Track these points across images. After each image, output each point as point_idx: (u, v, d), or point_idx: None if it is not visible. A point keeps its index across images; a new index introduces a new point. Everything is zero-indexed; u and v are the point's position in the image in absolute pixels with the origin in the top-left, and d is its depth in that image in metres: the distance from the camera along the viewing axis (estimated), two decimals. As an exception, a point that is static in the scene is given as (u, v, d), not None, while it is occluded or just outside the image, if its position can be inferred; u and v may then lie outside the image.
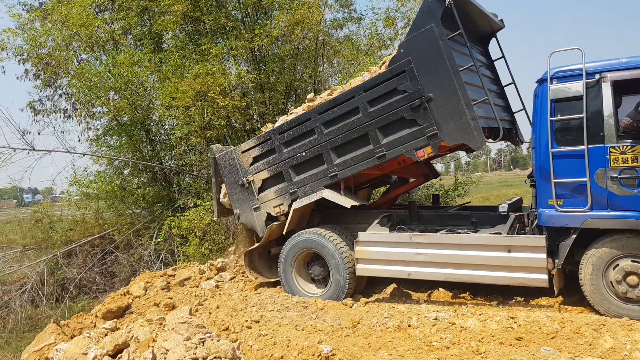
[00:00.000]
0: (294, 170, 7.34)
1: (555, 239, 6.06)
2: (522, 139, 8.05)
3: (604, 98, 5.68)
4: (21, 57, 12.70)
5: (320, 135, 7.04)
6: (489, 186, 35.03)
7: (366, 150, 6.74)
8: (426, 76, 6.26)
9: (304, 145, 7.18)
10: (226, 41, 11.79)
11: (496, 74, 8.04)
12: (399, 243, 6.73)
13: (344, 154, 6.93)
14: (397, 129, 6.53)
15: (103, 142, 13.18)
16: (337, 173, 6.96)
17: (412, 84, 6.35)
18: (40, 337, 5.54)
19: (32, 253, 11.57)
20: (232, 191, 7.84)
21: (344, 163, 6.92)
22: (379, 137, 6.63)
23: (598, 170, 5.66)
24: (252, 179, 7.64)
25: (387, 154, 6.57)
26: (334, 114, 6.93)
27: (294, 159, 7.29)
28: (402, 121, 6.48)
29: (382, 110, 6.57)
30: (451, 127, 6.16)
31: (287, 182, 7.39)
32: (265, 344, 5.22)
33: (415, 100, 6.31)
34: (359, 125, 6.73)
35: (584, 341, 4.76)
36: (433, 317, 5.71)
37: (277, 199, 7.51)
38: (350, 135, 6.82)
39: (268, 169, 7.54)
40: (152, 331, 3.77)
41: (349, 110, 6.81)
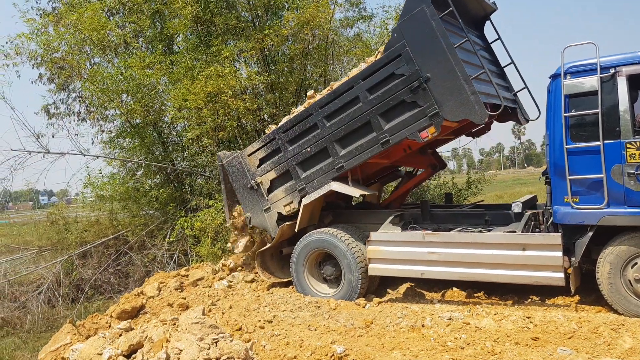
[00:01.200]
0: (301, 167, 7.35)
1: (571, 237, 5.98)
2: (527, 117, 7.98)
3: (620, 93, 5.59)
4: (35, 61, 12.83)
5: (323, 128, 7.06)
6: (503, 184, 34.73)
7: (370, 138, 6.73)
8: (422, 57, 6.29)
9: (308, 141, 7.21)
10: (236, 42, 11.82)
11: (494, 56, 8.00)
12: (411, 242, 6.69)
13: (349, 144, 6.94)
14: (399, 113, 6.54)
15: (116, 144, 13.28)
16: (343, 164, 6.95)
17: (409, 67, 6.38)
18: (57, 337, 5.61)
19: (48, 254, 11.70)
20: (242, 195, 7.87)
21: (349, 153, 6.92)
22: (381, 124, 6.63)
23: (614, 166, 5.58)
24: (260, 181, 7.66)
25: (390, 139, 6.57)
26: (335, 106, 6.96)
27: (300, 155, 7.30)
28: (403, 105, 6.50)
29: (382, 96, 6.58)
30: (452, 104, 6.17)
31: (295, 180, 7.39)
32: (278, 344, 5.22)
33: (414, 82, 6.34)
34: (360, 114, 6.76)
35: (602, 341, 4.69)
36: (447, 317, 5.67)
37: (286, 198, 7.51)
38: (352, 125, 6.83)
39: (275, 168, 7.56)
40: (165, 331, 3.78)
41: (350, 100, 6.85)
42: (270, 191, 7.67)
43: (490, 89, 6.61)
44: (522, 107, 7.91)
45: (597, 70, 5.68)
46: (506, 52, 7.77)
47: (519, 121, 7.86)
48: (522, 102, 8.02)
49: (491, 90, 6.61)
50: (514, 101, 7.68)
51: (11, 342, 8.09)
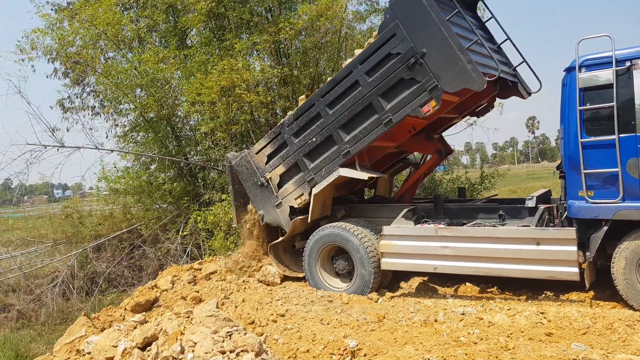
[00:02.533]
0: (308, 158, 7.42)
1: (585, 231, 5.93)
2: (528, 90, 8.00)
3: (635, 85, 5.53)
4: (50, 56, 12.93)
5: (326, 117, 7.16)
6: (517, 179, 34.41)
7: (373, 120, 6.83)
8: (416, 33, 6.44)
9: (313, 131, 7.31)
10: (250, 36, 11.82)
11: (489, 34, 8.00)
12: (424, 237, 6.68)
13: (353, 129, 7.03)
14: (399, 92, 6.65)
15: (130, 139, 13.37)
16: (349, 149, 7.03)
17: (404, 45, 6.52)
18: (72, 329, 5.69)
19: (63, 247, 11.85)
20: (253, 193, 7.93)
21: (354, 138, 7.00)
22: (382, 104, 6.73)
23: (630, 160, 5.52)
24: (269, 177, 7.73)
25: (393, 118, 6.66)
26: (336, 93, 7.08)
27: (306, 146, 7.39)
28: (402, 83, 6.61)
29: (381, 77, 6.70)
30: (450, 75, 6.27)
31: (304, 171, 7.46)
32: (291, 338, 5.24)
33: (410, 59, 6.46)
34: (361, 97, 6.87)
35: (617, 337, 4.64)
36: (460, 312, 5.65)
37: (296, 190, 7.56)
38: (355, 109, 6.93)
39: (283, 162, 7.64)
40: (180, 324, 3.82)
41: (350, 85, 6.96)
42: (281, 186, 7.72)
43: (485, 59, 6.73)
44: (523, 81, 7.93)
45: (612, 63, 5.62)
46: (501, 29, 7.85)
47: (521, 95, 7.90)
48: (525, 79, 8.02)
49: (487, 60, 6.73)
50: (514, 75, 7.73)
51: (26, 335, 8.21)
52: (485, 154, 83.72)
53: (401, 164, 9.28)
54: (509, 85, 7.53)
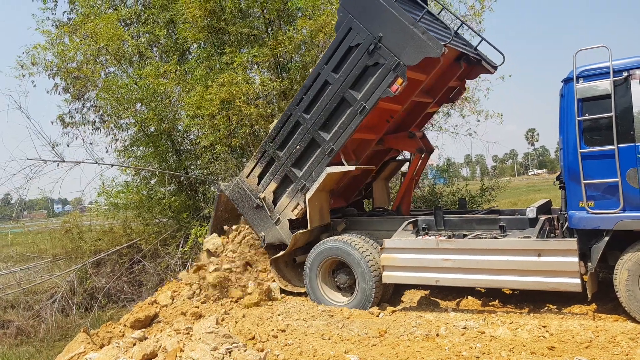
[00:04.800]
0: (297, 167, 7.62)
1: (586, 242, 5.91)
2: (493, 64, 8.34)
3: (633, 95, 5.55)
4: (51, 71, 13.01)
5: (305, 122, 7.46)
6: (517, 191, 34.41)
7: (349, 112, 7.10)
8: (370, 22, 6.87)
9: (296, 139, 7.57)
10: (249, 50, 11.88)
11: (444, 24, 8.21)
12: (425, 249, 6.65)
13: (332, 126, 7.27)
14: (366, 79, 6.97)
15: (130, 153, 13.39)
16: (332, 147, 7.25)
17: (362, 35, 6.94)
18: (71, 346, 5.64)
19: (62, 263, 11.79)
20: (251, 217, 8.01)
21: (335, 134, 7.23)
22: (354, 95, 7.04)
23: (630, 170, 5.52)
24: (263, 196, 7.86)
25: (366, 105, 6.94)
26: (309, 98, 7.43)
27: (292, 156, 7.61)
28: (368, 70, 6.95)
29: (347, 70, 7.06)
30: (409, 50, 6.58)
31: (295, 181, 7.61)
32: (292, 354, 5.19)
33: (370, 46, 6.84)
34: (333, 95, 7.20)
35: (620, 351, 4.60)
36: (462, 326, 5.60)
37: (292, 202, 7.65)
38: (330, 108, 7.24)
39: (274, 178, 7.82)
40: (179, 341, 3.78)
41: (320, 87, 7.32)
42: (276, 203, 7.85)
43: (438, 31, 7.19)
44: (486, 58, 8.30)
45: (609, 74, 5.64)
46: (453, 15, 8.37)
47: (487, 70, 8.27)
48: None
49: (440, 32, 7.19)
50: (477, 54, 8.03)
51: (25, 351, 8.15)
52: (485, 166, 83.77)
53: (392, 164, 9.35)
54: (473, 62, 7.88)
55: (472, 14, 12.19)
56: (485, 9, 12.12)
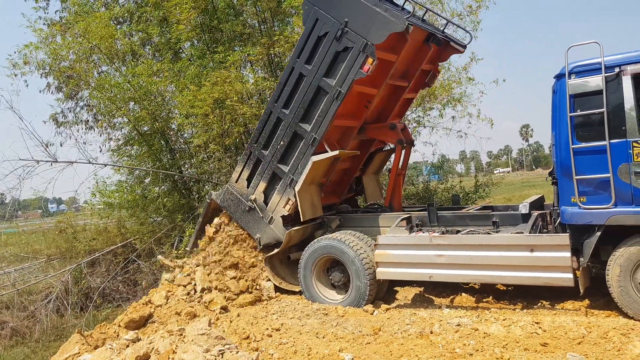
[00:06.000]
0: (283, 163, 7.74)
1: (579, 237, 5.93)
2: (461, 44, 8.61)
3: (625, 91, 5.56)
4: (43, 70, 12.92)
5: (286, 117, 7.64)
6: (511, 187, 34.49)
7: (326, 100, 7.26)
8: (334, 9, 7.14)
9: (279, 136, 7.73)
10: (243, 48, 11.84)
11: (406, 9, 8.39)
12: (419, 245, 6.67)
13: (312, 117, 7.42)
14: (339, 65, 7.16)
15: (124, 152, 13.32)
16: (314, 136, 7.39)
17: (328, 23, 7.20)
18: (65, 347, 5.63)
19: (57, 263, 11.74)
20: (245, 221, 8.06)
21: (316, 123, 7.38)
22: (329, 82, 7.22)
23: (621, 165, 5.54)
24: (254, 198, 7.92)
25: (342, 89, 7.10)
26: (286, 93, 7.63)
27: (277, 153, 7.75)
28: (339, 56, 7.15)
29: (319, 60, 7.28)
30: (374, 29, 6.80)
31: (283, 177, 7.71)
32: (286, 353, 5.19)
33: (338, 32, 7.07)
34: (309, 86, 7.39)
35: (612, 346, 4.63)
36: (455, 323, 5.61)
37: (282, 198, 7.71)
38: (307, 99, 7.41)
39: (262, 178, 7.92)
40: (172, 343, 3.78)
41: (296, 80, 7.52)
42: (267, 202, 7.91)
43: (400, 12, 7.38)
44: (454, 39, 8.62)
45: (601, 70, 5.65)
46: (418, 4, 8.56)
47: (457, 50, 8.52)
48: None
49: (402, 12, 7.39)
50: (445, 36, 8.30)
51: (20, 352, 8.14)
52: (479, 162, 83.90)
53: (379, 156, 9.40)
54: (442, 43, 8.06)
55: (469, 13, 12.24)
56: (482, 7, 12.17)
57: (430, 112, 13.45)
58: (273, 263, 7.97)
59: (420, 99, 12.64)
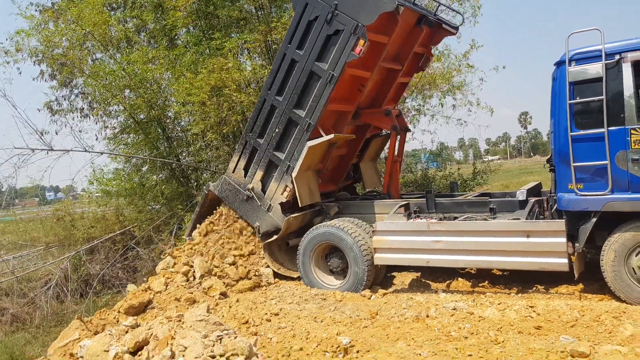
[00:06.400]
0: (279, 150, 7.74)
1: (575, 223, 5.99)
2: (454, 25, 8.69)
3: (625, 79, 5.57)
4: (36, 58, 12.79)
5: (280, 104, 7.65)
6: (509, 174, 34.56)
7: (319, 84, 7.26)
8: None
9: (274, 123, 7.73)
10: (240, 35, 11.75)
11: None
12: (416, 232, 6.72)
13: (306, 102, 7.43)
14: (330, 48, 7.16)
15: (120, 140, 13.28)
16: (309, 122, 7.40)
17: (318, 7, 7.18)
18: (65, 333, 5.67)
19: (56, 250, 11.76)
20: (244, 211, 8.09)
21: (310, 109, 7.38)
22: (321, 67, 7.22)
23: (619, 152, 5.57)
24: (252, 186, 7.93)
25: (334, 72, 7.10)
26: (279, 80, 7.63)
27: (273, 140, 7.75)
28: (330, 39, 7.15)
29: (311, 44, 7.27)
30: (365, 10, 6.80)
31: (280, 164, 7.72)
32: (285, 337, 5.25)
33: (328, 15, 7.07)
34: (302, 71, 7.40)
35: (604, 329, 4.70)
36: (451, 307, 5.68)
37: (280, 185, 7.74)
38: (300, 84, 7.43)
39: (259, 167, 7.93)
40: (171, 329, 3.81)
41: (288, 66, 7.52)
42: (265, 190, 7.93)
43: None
44: (446, 21, 8.65)
45: (602, 57, 5.65)
46: None
47: (449, 32, 8.58)
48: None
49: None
50: (437, 18, 8.28)
51: (21, 338, 8.17)
52: (478, 149, 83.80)
53: (375, 142, 9.42)
54: (433, 25, 8.07)
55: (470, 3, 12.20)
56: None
57: (429, 100, 13.43)
58: (272, 249, 8.02)
59: (420, 87, 12.63)
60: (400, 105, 13.24)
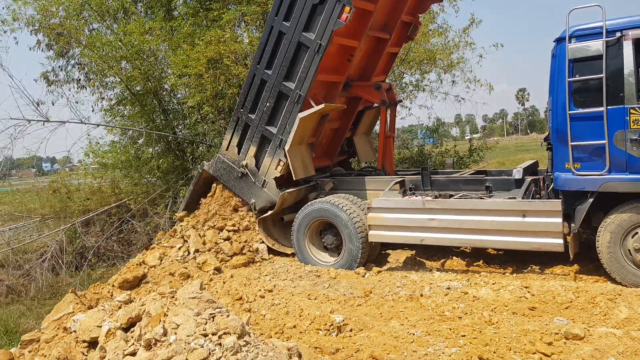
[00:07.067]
0: (271, 124, 7.74)
1: (571, 203, 5.96)
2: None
3: (625, 57, 5.48)
4: (33, 27, 12.58)
5: (270, 78, 7.64)
6: (505, 151, 34.50)
7: (308, 55, 7.27)
8: None
9: (264, 97, 7.73)
10: (238, 6, 11.51)
11: None
12: (411, 209, 6.70)
13: (295, 73, 7.43)
14: (316, 18, 7.16)
15: (116, 112, 13.14)
16: (299, 93, 7.40)
17: None
18: (59, 306, 5.66)
19: (51, 222, 11.75)
20: (239, 188, 8.05)
21: (299, 80, 7.38)
22: (309, 37, 7.22)
23: (617, 132, 5.52)
24: (245, 163, 7.92)
25: (322, 42, 7.11)
26: (268, 54, 7.63)
27: (264, 115, 7.75)
28: (316, 9, 7.14)
29: (297, 14, 7.27)
30: None
31: (272, 138, 7.71)
32: (278, 314, 5.27)
33: None
34: (289, 43, 7.40)
35: (599, 311, 4.70)
36: (446, 287, 5.68)
37: (273, 160, 7.72)
38: (289, 56, 7.41)
39: (252, 142, 7.92)
40: (163, 305, 3.80)
41: (276, 39, 7.53)
42: (259, 166, 7.91)
43: None
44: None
45: (602, 34, 5.54)
46: None
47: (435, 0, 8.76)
48: None
49: None
50: None
51: (16, 310, 8.22)
52: (475, 126, 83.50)
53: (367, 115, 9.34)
54: None
55: None
56: None
57: (427, 76, 13.29)
58: (266, 225, 8.01)
59: (419, 62, 12.48)
60: (398, 80, 13.13)
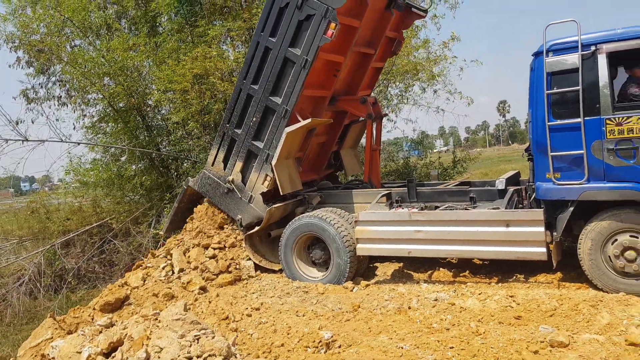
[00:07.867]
0: (257, 139, 7.70)
1: (553, 212, 6.04)
2: (423, 8, 8.81)
3: (600, 69, 5.61)
4: (13, 44, 12.47)
5: (256, 93, 7.60)
6: (488, 162, 34.87)
7: (294, 70, 7.27)
8: None
9: (251, 112, 7.67)
10: (223, 22, 11.53)
11: None
12: (398, 221, 6.70)
13: (281, 89, 7.42)
14: (303, 34, 7.18)
15: (98, 129, 13.00)
16: (286, 108, 7.38)
17: None
18: (37, 332, 5.44)
19: (29, 244, 11.49)
20: (225, 204, 8.00)
21: (286, 95, 7.36)
22: (295, 52, 7.22)
23: (594, 142, 5.63)
24: (231, 178, 7.84)
25: (308, 57, 7.12)
26: (254, 69, 7.60)
27: (251, 130, 7.71)
28: (302, 25, 7.17)
29: (283, 30, 7.28)
30: None
31: (259, 153, 7.66)
32: (266, 332, 5.20)
33: (298, 1, 7.07)
34: (276, 58, 7.39)
35: (582, 318, 4.75)
36: (433, 298, 5.69)
37: (260, 175, 7.67)
38: (275, 71, 7.40)
39: (238, 157, 7.85)
40: (146, 328, 3.71)
41: (262, 54, 7.51)
42: (245, 181, 7.84)
43: None
44: (415, 4, 8.66)
45: (578, 48, 5.67)
46: None
47: (419, 16, 8.79)
48: None
49: None
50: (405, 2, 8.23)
51: (-9, 336, 7.98)
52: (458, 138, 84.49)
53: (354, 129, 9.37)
54: (402, 9, 8.13)
55: None
56: None
57: (411, 88, 13.44)
58: (253, 241, 7.93)
59: (403, 73, 12.62)
60: (382, 92, 13.25)
